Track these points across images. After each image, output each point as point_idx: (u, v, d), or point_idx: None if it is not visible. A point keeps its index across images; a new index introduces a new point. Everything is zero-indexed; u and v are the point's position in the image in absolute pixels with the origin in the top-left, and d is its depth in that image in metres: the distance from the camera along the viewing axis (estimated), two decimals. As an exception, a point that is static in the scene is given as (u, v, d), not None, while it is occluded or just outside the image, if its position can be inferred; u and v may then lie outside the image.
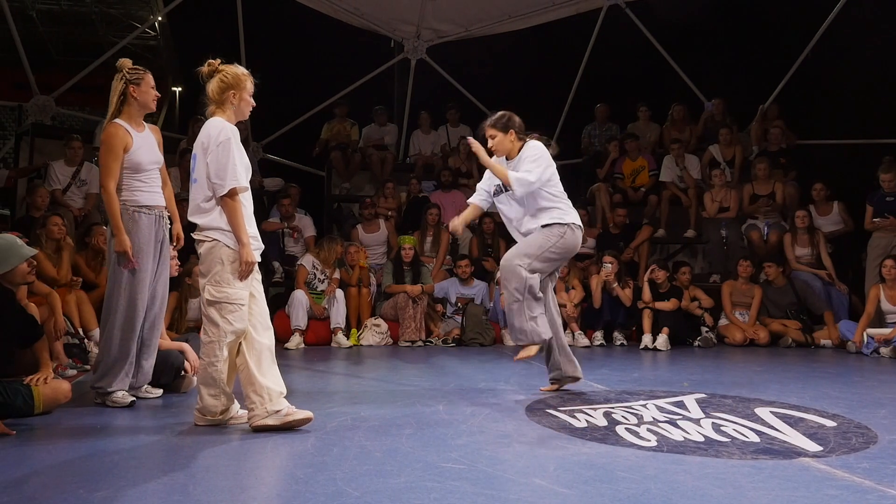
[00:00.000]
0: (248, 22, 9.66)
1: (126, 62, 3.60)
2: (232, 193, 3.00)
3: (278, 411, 2.97)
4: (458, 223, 4.08)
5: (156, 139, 3.74)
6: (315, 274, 6.81)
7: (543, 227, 3.88)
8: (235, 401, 3.15)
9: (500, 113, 4.02)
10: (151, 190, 3.62)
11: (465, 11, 10.06)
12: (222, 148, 3.00)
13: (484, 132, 4.02)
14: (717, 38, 10.45)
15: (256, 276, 3.13)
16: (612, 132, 9.63)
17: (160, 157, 3.72)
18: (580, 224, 3.97)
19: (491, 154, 4.05)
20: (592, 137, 9.63)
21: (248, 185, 3.12)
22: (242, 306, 3.03)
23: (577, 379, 4.05)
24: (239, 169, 3.02)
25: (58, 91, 9.01)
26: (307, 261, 6.84)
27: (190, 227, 3.19)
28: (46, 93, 8.79)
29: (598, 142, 9.48)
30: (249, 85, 3.19)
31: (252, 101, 3.23)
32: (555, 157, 4.06)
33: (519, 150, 3.95)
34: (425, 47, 10.56)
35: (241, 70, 3.18)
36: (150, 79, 3.61)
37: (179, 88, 19.79)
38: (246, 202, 3.11)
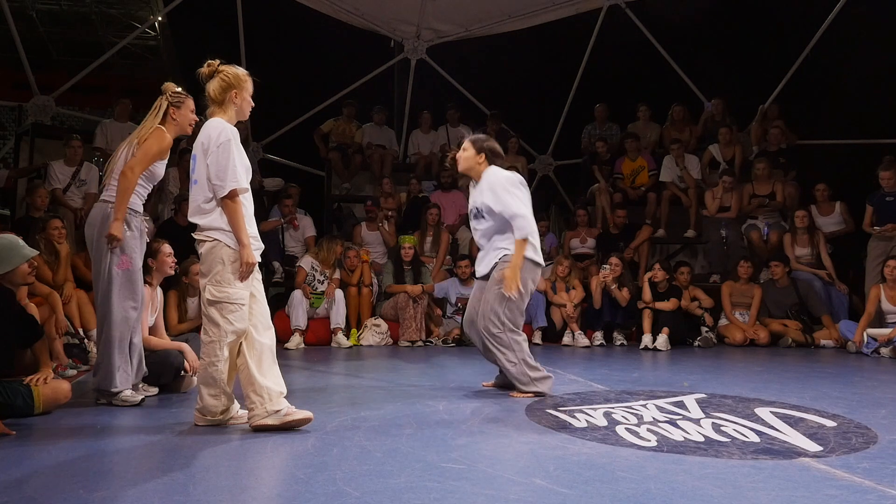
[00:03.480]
0: (248, 22, 9.66)
1: (170, 85, 3.69)
2: (232, 195, 3.00)
3: (278, 411, 2.98)
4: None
5: None
6: (314, 275, 6.81)
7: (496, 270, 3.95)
8: (235, 401, 3.15)
9: (485, 136, 4.25)
10: (144, 198, 3.74)
11: (465, 11, 10.07)
12: (222, 149, 3.01)
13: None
14: (717, 38, 10.45)
15: (257, 275, 3.14)
16: (612, 132, 9.63)
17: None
18: (536, 260, 3.98)
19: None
20: (592, 137, 9.63)
21: (249, 187, 3.13)
22: (243, 306, 3.04)
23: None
24: (239, 170, 3.03)
25: (58, 91, 9.01)
26: (306, 262, 6.84)
27: (190, 227, 3.20)
28: (46, 93, 8.79)
29: (596, 142, 9.48)
30: (250, 85, 3.20)
31: (252, 101, 3.24)
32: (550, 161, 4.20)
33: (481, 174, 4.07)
34: (425, 47, 10.57)
35: (241, 70, 3.20)
36: (190, 103, 3.68)
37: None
38: (246, 203, 3.12)
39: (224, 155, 3.00)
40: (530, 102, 11.29)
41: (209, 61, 3.17)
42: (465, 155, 4.09)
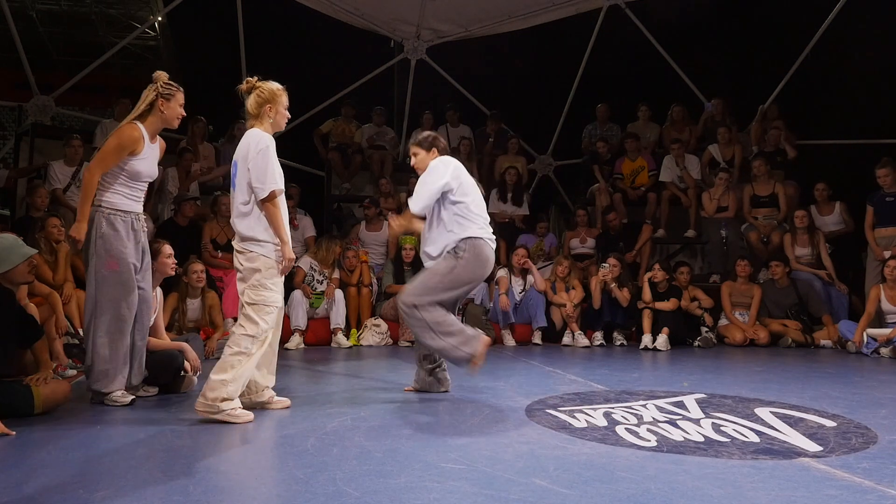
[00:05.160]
0: (248, 22, 9.66)
1: (162, 75, 3.65)
2: (271, 196, 3.26)
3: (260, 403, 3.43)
4: (395, 228, 4.04)
5: (159, 153, 3.78)
6: (313, 275, 6.79)
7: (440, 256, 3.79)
8: (237, 399, 3.20)
9: (426, 133, 4.10)
10: (133, 198, 3.64)
11: (465, 11, 10.07)
12: (262, 155, 3.27)
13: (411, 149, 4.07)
14: (717, 38, 10.45)
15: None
16: (612, 132, 9.63)
17: (156, 172, 3.79)
18: (483, 237, 3.77)
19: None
20: (592, 137, 9.64)
21: (284, 188, 3.37)
22: (277, 308, 3.33)
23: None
24: (277, 174, 3.29)
25: (58, 91, 9.00)
26: (304, 262, 6.83)
27: (190, 226, 3.23)
28: (46, 93, 8.79)
29: (597, 142, 9.49)
30: (285, 98, 3.47)
31: (287, 113, 3.49)
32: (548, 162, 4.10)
33: None
34: (425, 47, 10.57)
35: (275, 86, 3.44)
36: (180, 97, 3.67)
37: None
38: (284, 207, 3.37)
39: (263, 160, 3.26)
40: (530, 102, 11.29)
41: (248, 78, 3.44)
42: (419, 158, 3.98)
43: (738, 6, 10.38)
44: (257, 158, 3.25)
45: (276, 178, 3.27)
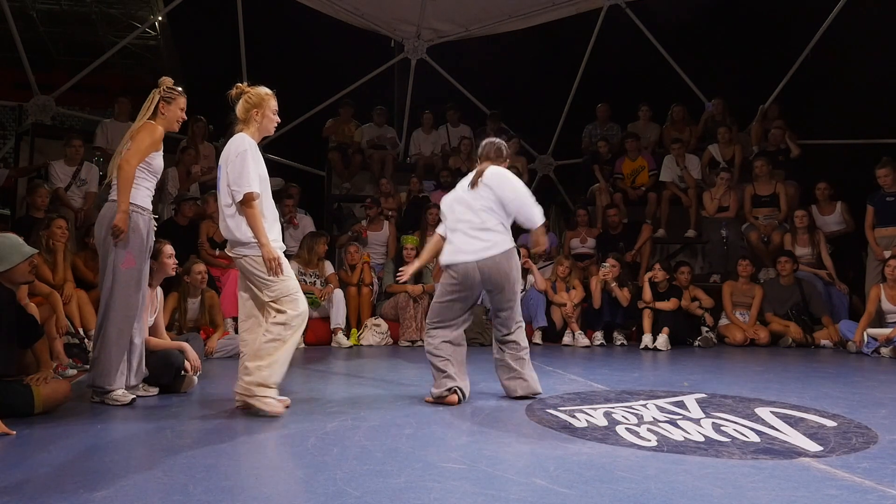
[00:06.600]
0: (248, 22, 9.65)
1: (167, 80, 3.75)
2: (248, 199, 3.30)
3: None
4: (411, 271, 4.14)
5: None
6: (304, 279, 6.71)
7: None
8: (275, 388, 3.28)
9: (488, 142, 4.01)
10: (150, 195, 3.75)
11: (465, 11, 10.07)
12: (239, 158, 3.33)
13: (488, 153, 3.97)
14: (717, 38, 10.45)
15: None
16: (612, 132, 9.63)
17: None
18: (455, 262, 3.71)
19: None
20: (593, 137, 9.64)
21: (261, 192, 3.38)
22: (297, 292, 3.39)
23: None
24: (252, 176, 3.31)
25: (58, 91, 9.00)
26: (293, 267, 6.77)
27: (190, 226, 3.25)
28: (46, 93, 8.78)
29: (598, 142, 9.49)
30: (273, 103, 3.51)
31: (276, 117, 3.53)
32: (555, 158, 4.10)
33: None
34: (425, 47, 10.57)
35: (263, 90, 3.49)
36: (182, 101, 3.75)
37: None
38: (269, 207, 3.42)
39: (240, 163, 3.32)
40: (530, 102, 11.29)
41: (237, 84, 3.51)
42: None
43: (738, 6, 10.37)
44: (235, 162, 3.32)
45: (251, 181, 3.30)
